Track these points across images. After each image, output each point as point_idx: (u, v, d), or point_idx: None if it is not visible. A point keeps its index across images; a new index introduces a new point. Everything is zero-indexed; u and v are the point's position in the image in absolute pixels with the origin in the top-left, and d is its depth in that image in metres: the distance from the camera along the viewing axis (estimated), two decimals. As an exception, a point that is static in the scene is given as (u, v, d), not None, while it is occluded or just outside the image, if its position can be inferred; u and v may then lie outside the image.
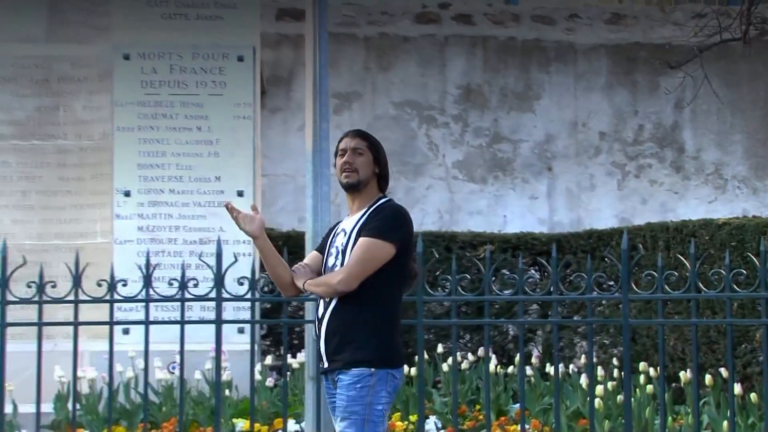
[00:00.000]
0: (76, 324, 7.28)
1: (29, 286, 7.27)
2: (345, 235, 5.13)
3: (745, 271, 6.93)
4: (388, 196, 5.25)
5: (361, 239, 4.98)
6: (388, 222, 5.02)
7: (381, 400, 4.93)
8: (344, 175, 5.15)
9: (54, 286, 7.32)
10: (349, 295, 4.96)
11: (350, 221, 5.17)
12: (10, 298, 7.18)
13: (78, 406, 8.09)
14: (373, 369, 4.92)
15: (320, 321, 5.10)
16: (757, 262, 6.87)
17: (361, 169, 5.15)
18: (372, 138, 5.31)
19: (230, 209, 5.24)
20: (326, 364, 5.06)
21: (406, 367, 9.58)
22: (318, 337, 5.12)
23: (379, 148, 5.27)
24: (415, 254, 5.36)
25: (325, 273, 5.19)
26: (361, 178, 5.14)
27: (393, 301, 5.09)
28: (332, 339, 5.01)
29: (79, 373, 7.90)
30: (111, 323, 7.30)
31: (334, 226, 5.36)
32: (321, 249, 5.34)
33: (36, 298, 7.23)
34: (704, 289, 6.98)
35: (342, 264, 5.04)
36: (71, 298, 7.21)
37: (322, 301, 5.11)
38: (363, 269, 4.96)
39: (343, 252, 5.06)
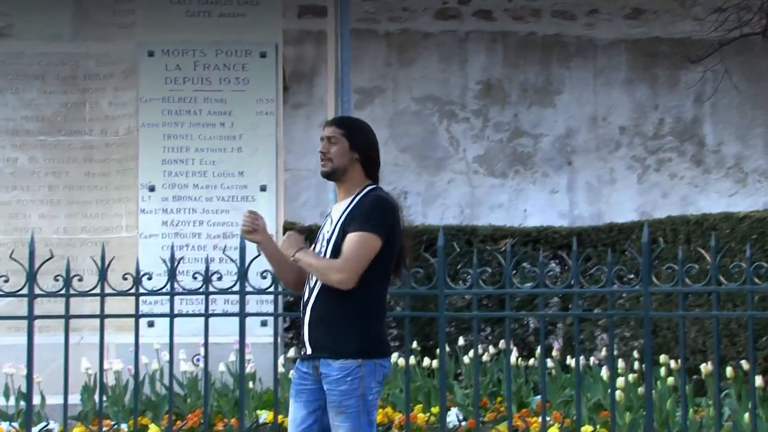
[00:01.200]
0: (102, 317, 7.31)
1: (56, 280, 7.30)
2: (331, 222, 5.06)
3: (766, 264, 6.87)
4: (374, 184, 5.14)
5: (352, 235, 4.87)
6: (372, 213, 4.92)
7: (372, 390, 4.89)
8: (321, 164, 5.08)
9: (80, 280, 7.35)
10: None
11: (337, 209, 5.10)
12: (37, 291, 7.23)
13: (104, 398, 8.13)
14: (360, 360, 4.85)
15: (305, 306, 5.02)
16: (777, 255, 6.86)
17: (334, 158, 5.05)
18: (350, 124, 5.21)
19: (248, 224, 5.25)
20: (309, 351, 4.97)
21: (427, 360, 9.67)
22: (302, 323, 5.03)
23: (357, 134, 5.12)
24: (406, 243, 5.21)
25: None
26: (336, 166, 5.05)
27: (379, 290, 5.01)
28: (317, 327, 4.95)
29: (106, 365, 7.93)
30: (136, 316, 7.33)
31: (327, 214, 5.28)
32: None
33: (63, 292, 7.26)
34: (725, 281, 6.94)
35: (327, 252, 4.96)
36: (97, 291, 7.24)
37: (307, 287, 5.03)
38: (362, 265, 4.86)
39: (328, 241, 4.98)
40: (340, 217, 5.01)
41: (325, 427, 5.02)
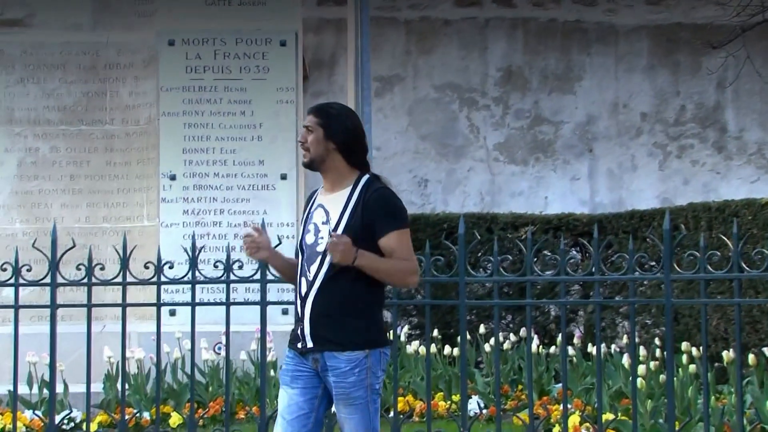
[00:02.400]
0: (124, 305, 7.34)
1: (78, 269, 7.33)
2: (326, 214, 4.95)
3: (788, 251, 6.88)
4: (365, 173, 5.03)
5: (394, 234, 4.84)
6: (395, 210, 4.90)
7: (378, 379, 4.87)
8: (303, 155, 5.01)
9: (102, 269, 7.37)
10: (338, 275, 4.82)
11: (331, 200, 4.98)
12: (60, 280, 7.26)
13: (127, 386, 8.18)
14: (367, 351, 4.81)
15: (304, 300, 4.92)
16: (799, 242, 6.84)
17: (311, 147, 4.95)
18: (327, 113, 5.04)
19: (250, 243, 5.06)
20: (309, 344, 4.88)
21: (448, 348, 9.70)
22: (301, 316, 4.93)
23: (333, 123, 4.99)
24: None
25: (303, 250, 5.00)
26: (313, 156, 4.95)
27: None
28: (319, 320, 4.86)
29: (128, 354, 7.97)
30: (158, 305, 7.35)
31: (311, 199, 5.14)
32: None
33: (85, 280, 7.29)
34: (747, 268, 6.90)
35: (321, 241, 4.87)
36: (119, 280, 7.26)
37: (304, 280, 4.93)
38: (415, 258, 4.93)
39: (333, 232, 4.86)
40: (344, 211, 4.91)
41: (319, 422, 4.98)
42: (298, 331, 4.96)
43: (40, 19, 10.82)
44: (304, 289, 4.95)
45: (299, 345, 4.94)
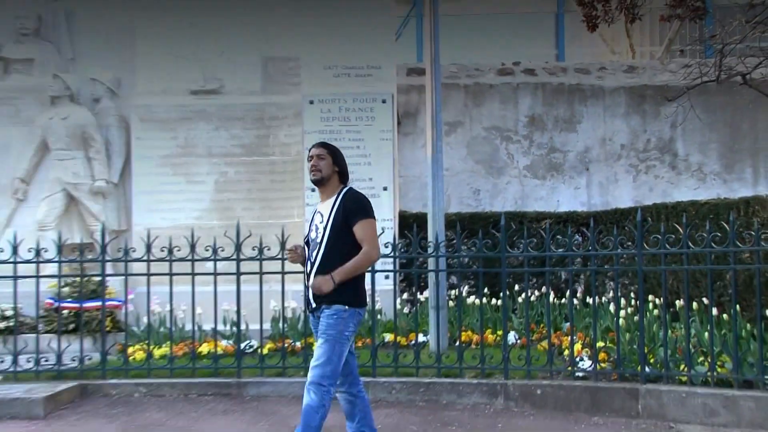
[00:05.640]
0: (282, 273, 7.45)
1: (253, 250, 7.47)
2: (322, 216, 4.88)
3: (719, 234, 6.78)
4: (348, 186, 4.98)
5: (361, 223, 4.76)
6: (363, 206, 4.83)
7: (349, 329, 4.74)
8: (311, 174, 4.94)
9: (269, 250, 7.51)
10: (330, 256, 4.75)
11: (324, 206, 4.91)
12: (242, 257, 7.39)
13: (285, 325, 8.28)
14: (346, 307, 4.72)
15: (308, 275, 4.86)
16: (727, 228, 6.73)
17: (323, 169, 4.90)
18: (331, 146, 5.04)
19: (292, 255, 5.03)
20: (313, 305, 4.83)
21: (494, 300, 9.65)
22: (307, 286, 4.87)
23: (337, 153, 4.98)
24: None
25: (308, 243, 4.94)
26: (324, 175, 4.89)
27: None
28: None
29: (286, 305, 8.08)
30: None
31: (313, 212, 5.09)
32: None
33: (258, 257, 7.42)
34: (692, 245, 6.87)
35: (321, 237, 4.82)
36: (279, 257, 7.38)
37: (309, 262, 4.88)
38: (377, 240, 4.84)
39: (325, 227, 4.83)
40: (331, 212, 4.84)
41: (352, 353, 4.89)
42: (306, 297, 4.90)
43: (228, 89, 10.97)
44: (309, 268, 4.87)
45: (308, 307, 4.91)
